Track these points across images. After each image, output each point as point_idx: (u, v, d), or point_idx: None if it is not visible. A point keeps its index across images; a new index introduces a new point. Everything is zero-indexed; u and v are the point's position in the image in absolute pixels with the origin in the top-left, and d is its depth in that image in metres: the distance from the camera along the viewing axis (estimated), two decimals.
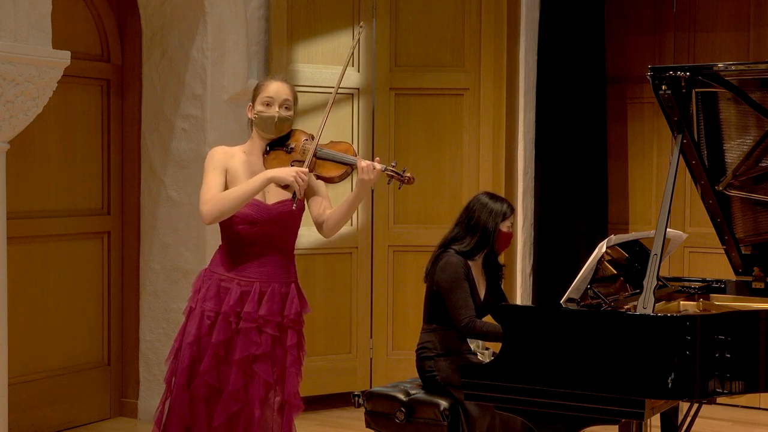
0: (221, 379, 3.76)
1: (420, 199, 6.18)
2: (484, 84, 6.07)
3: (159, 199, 5.69)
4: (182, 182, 5.62)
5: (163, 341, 5.65)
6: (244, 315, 3.77)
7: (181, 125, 5.62)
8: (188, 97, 5.59)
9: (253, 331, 3.77)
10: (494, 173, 6.10)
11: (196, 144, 5.58)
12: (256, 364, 3.76)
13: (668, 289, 4.27)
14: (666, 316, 3.44)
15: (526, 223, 6.45)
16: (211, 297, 3.81)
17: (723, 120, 3.88)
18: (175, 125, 5.63)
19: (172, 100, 5.64)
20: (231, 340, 3.78)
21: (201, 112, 5.56)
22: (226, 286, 3.80)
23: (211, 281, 3.84)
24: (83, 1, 5.58)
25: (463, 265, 4.31)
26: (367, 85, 6.07)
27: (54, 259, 5.49)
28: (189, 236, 5.60)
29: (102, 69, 5.70)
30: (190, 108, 5.59)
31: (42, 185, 5.43)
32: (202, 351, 3.79)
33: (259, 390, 3.74)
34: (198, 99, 5.57)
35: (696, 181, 4.00)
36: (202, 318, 3.80)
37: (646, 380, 3.38)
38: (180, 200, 5.64)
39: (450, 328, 4.33)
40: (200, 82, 5.55)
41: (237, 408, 3.74)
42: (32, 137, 5.22)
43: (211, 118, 5.56)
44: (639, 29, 6.51)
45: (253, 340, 3.77)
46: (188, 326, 3.83)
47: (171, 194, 5.65)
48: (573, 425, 3.56)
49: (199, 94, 5.56)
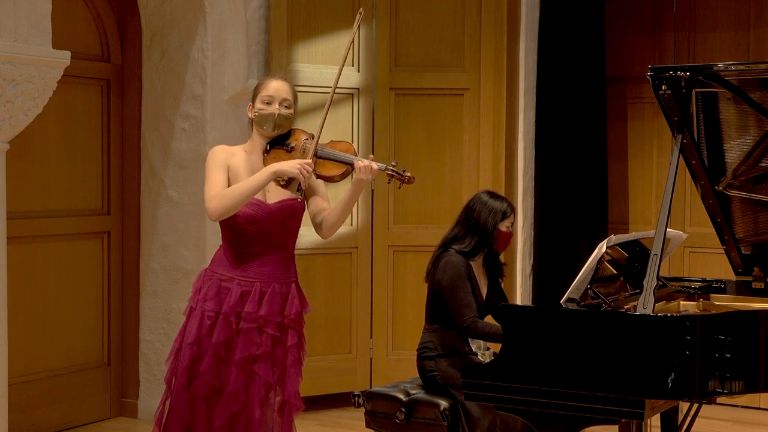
0: (221, 379, 3.76)
1: (420, 199, 6.18)
2: (484, 84, 6.08)
3: (159, 199, 5.69)
4: (182, 182, 5.62)
5: (163, 341, 5.65)
6: (244, 315, 3.77)
7: (181, 125, 5.62)
8: (188, 97, 5.59)
9: (253, 332, 3.77)
10: (494, 173, 6.10)
11: (195, 144, 5.58)
12: (256, 364, 3.76)
13: (668, 289, 4.27)
14: (666, 316, 3.44)
15: (526, 222, 6.45)
16: (212, 297, 3.81)
17: (723, 120, 3.89)
18: (176, 125, 5.63)
19: (172, 100, 5.64)
20: (231, 341, 3.78)
21: (201, 112, 5.56)
22: (227, 286, 3.81)
23: (211, 281, 3.84)
24: (83, 1, 5.58)
25: (464, 264, 4.31)
26: (367, 85, 6.07)
27: (54, 259, 5.49)
28: (189, 236, 5.60)
29: (102, 69, 5.70)
30: (190, 108, 5.59)
31: (42, 185, 5.43)
32: (202, 351, 3.79)
33: (259, 390, 3.74)
34: (198, 99, 5.57)
35: (696, 181, 4.00)
36: (202, 318, 3.80)
37: (646, 380, 3.38)
38: (180, 200, 5.64)
39: (451, 328, 4.32)
40: (200, 82, 5.56)
41: (237, 408, 3.74)
42: (32, 137, 5.22)
43: (211, 118, 5.56)
44: (639, 29, 6.51)
45: (254, 340, 3.77)
46: (189, 326, 3.83)
47: (171, 194, 5.65)
48: (573, 425, 3.56)
49: (199, 94, 5.56)
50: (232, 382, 3.74)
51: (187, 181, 5.59)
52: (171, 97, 5.64)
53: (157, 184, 5.70)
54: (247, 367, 3.77)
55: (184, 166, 5.61)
